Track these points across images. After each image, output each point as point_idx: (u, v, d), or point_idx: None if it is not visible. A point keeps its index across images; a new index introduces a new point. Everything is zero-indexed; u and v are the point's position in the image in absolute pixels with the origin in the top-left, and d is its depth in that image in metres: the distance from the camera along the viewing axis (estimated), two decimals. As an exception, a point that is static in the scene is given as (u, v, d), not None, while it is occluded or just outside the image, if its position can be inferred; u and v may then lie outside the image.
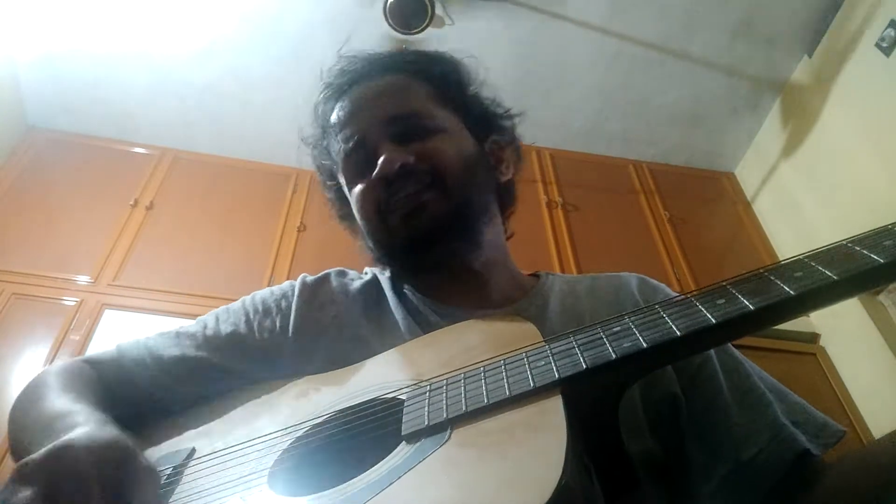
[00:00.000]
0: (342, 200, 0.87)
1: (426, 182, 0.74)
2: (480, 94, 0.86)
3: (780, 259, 2.40)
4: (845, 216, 2.57)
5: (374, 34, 2.68)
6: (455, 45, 0.93)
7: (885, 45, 2.46)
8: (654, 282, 0.80)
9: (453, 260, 0.76)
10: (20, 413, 0.69)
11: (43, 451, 0.48)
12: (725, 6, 2.79)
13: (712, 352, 0.68)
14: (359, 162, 0.77)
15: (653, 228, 2.97)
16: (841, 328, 2.53)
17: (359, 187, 0.77)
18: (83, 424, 0.56)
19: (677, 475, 0.64)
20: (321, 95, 0.86)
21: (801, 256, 0.47)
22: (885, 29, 2.46)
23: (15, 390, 2.13)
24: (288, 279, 0.84)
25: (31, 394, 0.70)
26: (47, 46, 2.80)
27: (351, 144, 0.78)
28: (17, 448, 0.67)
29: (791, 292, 0.44)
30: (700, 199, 3.23)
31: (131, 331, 2.46)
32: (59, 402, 0.65)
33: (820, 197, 2.76)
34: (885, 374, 2.30)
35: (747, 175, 3.29)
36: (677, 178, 3.27)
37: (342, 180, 0.83)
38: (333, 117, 0.82)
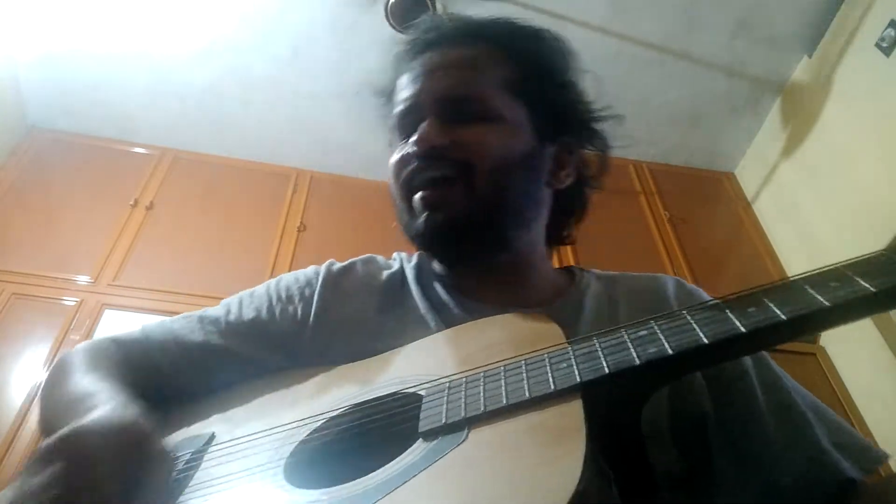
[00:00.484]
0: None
1: (453, 172, 0.69)
2: (568, 89, 0.80)
3: (780, 258, 2.39)
4: (845, 216, 2.57)
5: (375, 34, 2.68)
6: None
7: (885, 45, 2.46)
8: (691, 286, 0.76)
9: (473, 261, 0.74)
10: (48, 392, 0.70)
11: (58, 434, 0.49)
12: (725, 6, 2.79)
13: (751, 364, 0.65)
14: (405, 126, 0.75)
15: (653, 228, 2.97)
16: (841, 328, 2.52)
17: (396, 153, 0.75)
18: (104, 405, 0.56)
19: (702, 487, 0.60)
20: (403, 48, 0.81)
21: (838, 265, 0.45)
22: (885, 29, 2.46)
23: (15, 390, 2.14)
24: (288, 279, 0.83)
25: (59, 373, 0.70)
26: (47, 46, 2.80)
27: (403, 108, 0.75)
28: (47, 428, 0.66)
29: (826, 303, 0.43)
30: (700, 199, 3.23)
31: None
32: (84, 381, 0.65)
33: (820, 197, 2.76)
34: (885, 374, 2.30)
35: (747, 175, 3.29)
36: (677, 178, 3.27)
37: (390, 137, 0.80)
38: (400, 77, 0.79)
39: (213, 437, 0.64)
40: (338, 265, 0.80)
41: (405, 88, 0.76)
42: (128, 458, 0.50)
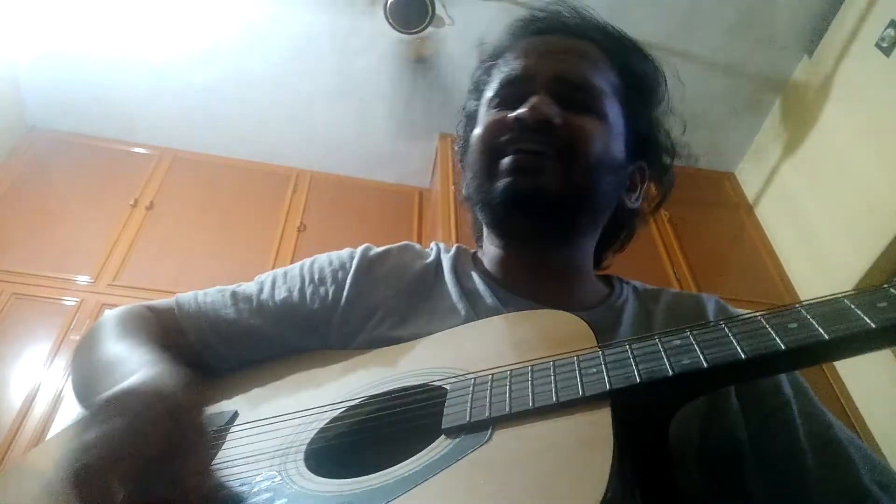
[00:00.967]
0: (467, 135, 0.81)
1: (556, 150, 0.68)
2: (657, 118, 0.81)
3: (780, 258, 2.39)
4: (845, 216, 2.57)
5: (375, 34, 2.69)
6: (455, 45, 0.92)
7: (885, 45, 2.46)
8: (733, 309, 0.73)
9: (537, 239, 0.72)
10: (84, 356, 0.69)
11: (114, 391, 0.49)
12: (725, 6, 2.79)
13: (791, 395, 0.62)
14: (509, 94, 0.73)
15: (653, 228, 2.97)
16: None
17: (492, 115, 0.73)
18: (143, 369, 0.55)
19: None
20: (520, 22, 0.80)
21: (886, 286, 0.42)
22: (885, 29, 2.46)
23: (15, 390, 2.14)
24: (288, 279, 0.83)
25: (95, 336, 0.70)
26: (47, 47, 2.80)
27: (513, 73, 0.74)
28: (85, 391, 0.65)
29: (872, 325, 0.40)
30: (700, 199, 3.22)
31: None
32: (119, 348, 0.64)
33: (820, 196, 2.76)
34: (885, 375, 2.30)
35: (747, 175, 3.29)
36: (677, 178, 3.26)
37: (483, 102, 0.78)
38: (515, 45, 0.78)
39: (235, 415, 0.64)
40: (374, 250, 0.79)
41: (518, 58, 0.75)
42: (180, 422, 0.49)
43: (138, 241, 2.67)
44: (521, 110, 0.69)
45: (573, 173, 0.68)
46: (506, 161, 0.69)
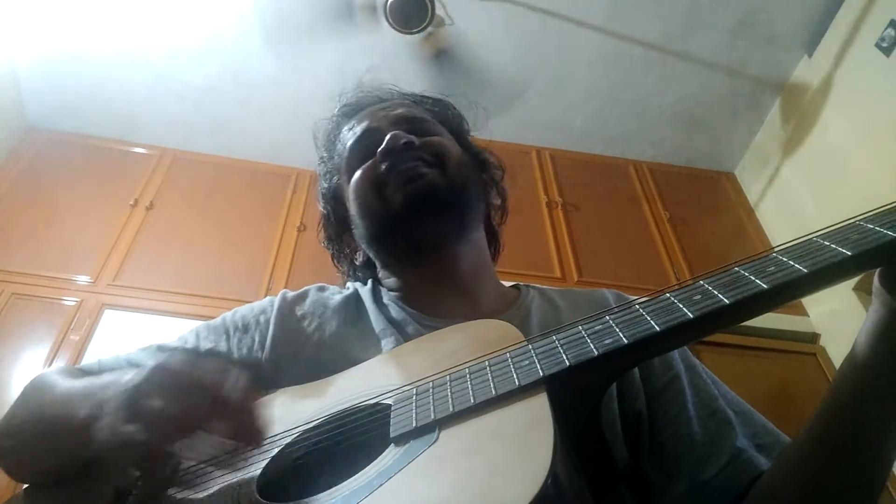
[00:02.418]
0: (337, 211, 0.88)
1: (426, 162, 0.78)
2: (473, 140, 0.92)
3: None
4: (845, 216, 2.56)
5: (375, 34, 2.69)
6: (455, 46, 0.96)
7: (885, 45, 2.46)
8: (631, 297, 0.80)
9: (443, 239, 0.78)
10: (25, 413, 0.68)
11: (143, 370, 0.53)
12: (725, 6, 2.79)
13: (682, 370, 0.69)
14: (364, 149, 0.81)
15: (653, 228, 2.97)
16: (841, 328, 2.53)
17: (360, 169, 0.80)
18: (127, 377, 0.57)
19: (637, 490, 0.64)
20: (335, 113, 0.93)
21: (770, 252, 0.49)
22: (885, 29, 2.46)
23: (15, 390, 2.13)
24: (288, 279, 0.84)
25: (40, 386, 0.70)
26: (47, 46, 2.80)
27: (359, 131, 0.84)
28: (30, 445, 0.65)
29: (764, 286, 0.46)
30: (700, 199, 3.23)
31: (131, 331, 2.47)
32: (78, 382, 0.65)
33: (820, 197, 2.76)
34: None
35: (747, 175, 3.29)
36: (677, 178, 3.27)
37: (344, 179, 0.85)
38: (346, 121, 0.88)
39: (178, 462, 0.63)
40: (291, 293, 0.82)
41: (356, 122, 0.86)
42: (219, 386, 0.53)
43: (138, 241, 2.66)
44: (383, 145, 0.78)
45: (447, 172, 0.78)
46: (392, 184, 0.76)
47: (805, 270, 0.45)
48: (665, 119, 3.18)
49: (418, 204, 0.75)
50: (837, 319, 2.54)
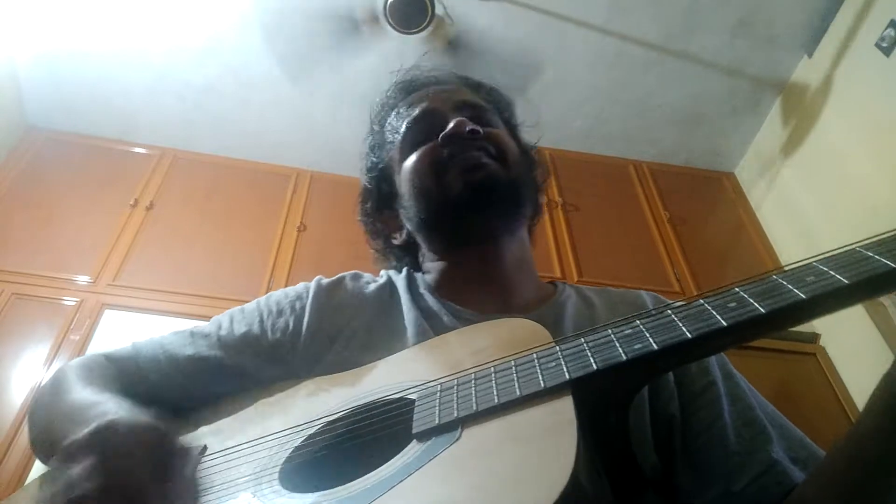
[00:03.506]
0: (382, 187, 0.87)
1: (489, 153, 0.77)
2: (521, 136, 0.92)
3: (780, 258, 2.40)
4: (845, 216, 2.57)
5: (374, 34, 2.68)
6: (464, 32, 0.97)
7: (885, 45, 2.46)
8: (669, 301, 0.78)
9: (495, 229, 0.78)
10: (46, 405, 0.70)
11: (87, 430, 0.50)
12: (725, 6, 2.79)
13: (719, 376, 0.67)
14: (423, 130, 0.81)
15: (653, 228, 2.97)
16: (841, 328, 2.53)
17: (418, 151, 0.80)
18: (116, 410, 0.57)
19: (668, 496, 0.63)
20: (389, 91, 0.91)
21: (811, 260, 0.47)
22: (885, 29, 2.46)
23: (15, 390, 2.14)
24: (288, 279, 0.84)
25: (56, 386, 0.70)
26: (47, 46, 2.80)
27: (418, 112, 0.83)
28: (44, 440, 0.66)
29: (802, 296, 0.44)
30: (700, 199, 3.23)
31: (131, 331, 2.47)
32: (86, 392, 0.65)
33: (820, 197, 2.76)
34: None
35: (747, 175, 3.29)
36: (677, 178, 3.27)
37: (395, 156, 0.84)
38: (403, 98, 0.87)
39: (204, 448, 0.64)
40: (326, 280, 0.82)
41: (415, 102, 0.85)
42: (157, 451, 0.51)
43: (138, 241, 2.66)
44: (449, 127, 0.77)
45: (507, 167, 0.78)
46: (454, 170, 0.76)
47: (846, 281, 0.43)
48: (665, 119, 3.18)
49: (479, 194, 0.75)
50: (837, 320, 2.54)
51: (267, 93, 2.97)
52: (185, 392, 0.73)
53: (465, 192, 0.74)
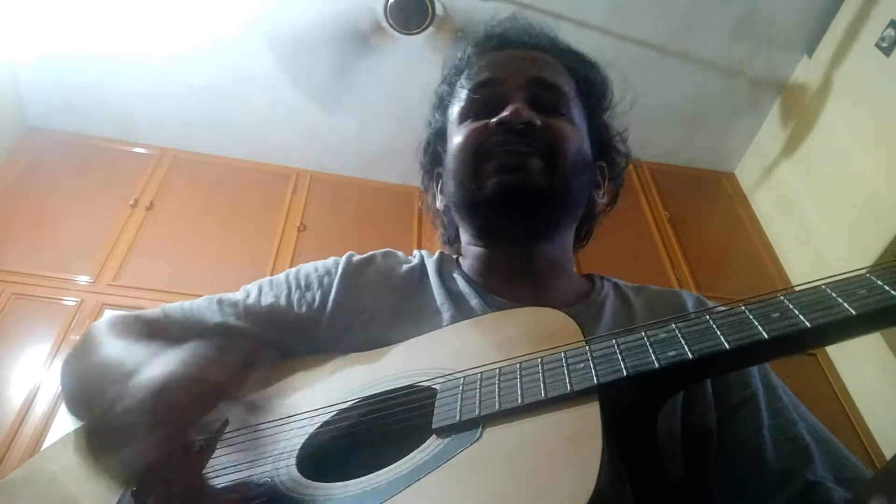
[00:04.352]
0: (437, 145, 0.84)
1: (539, 151, 0.72)
2: (611, 121, 0.86)
3: (780, 258, 2.39)
4: (845, 216, 2.57)
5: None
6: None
7: (885, 45, 2.46)
8: (713, 305, 0.74)
9: (527, 233, 0.74)
10: (80, 361, 0.68)
11: (139, 396, 0.48)
12: (725, 6, 2.79)
13: (761, 389, 0.64)
14: (482, 101, 0.76)
15: (653, 228, 2.97)
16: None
17: (470, 124, 0.76)
18: (162, 364, 0.54)
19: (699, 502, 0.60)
20: (476, 40, 0.85)
21: (862, 271, 0.43)
22: (885, 29, 2.46)
23: (15, 390, 2.14)
24: (287, 279, 0.83)
25: (90, 343, 0.69)
26: (47, 46, 2.79)
27: (484, 78, 0.78)
28: (80, 398, 0.64)
29: (852, 311, 0.40)
30: (700, 199, 3.23)
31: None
32: (119, 345, 0.64)
33: (819, 196, 2.76)
34: (886, 375, 2.30)
35: (747, 175, 3.29)
36: (677, 178, 3.27)
37: (451, 117, 0.81)
38: (477, 59, 0.81)
39: (226, 422, 0.63)
40: (357, 257, 0.80)
41: (487, 67, 0.79)
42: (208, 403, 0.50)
43: (138, 241, 2.66)
44: (504, 114, 0.72)
45: (556, 172, 0.72)
46: (494, 162, 0.72)
47: None
48: (665, 119, 3.17)
49: (510, 199, 0.71)
50: (837, 319, 2.53)
51: (267, 93, 2.97)
52: None
53: (495, 193, 0.70)
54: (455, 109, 0.80)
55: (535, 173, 0.71)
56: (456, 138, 0.77)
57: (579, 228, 0.84)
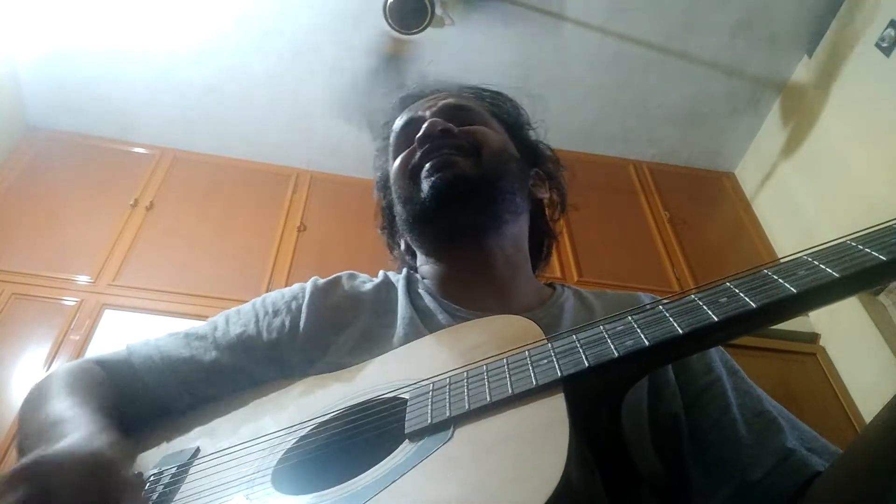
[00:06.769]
0: (387, 195, 0.90)
1: (462, 149, 0.78)
2: (532, 133, 0.92)
3: (780, 258, 2.39)
4: (845, 216, 2.57)
5: (374, 33, 2.68)
6: (455, 46, 0.97)
7: (885, 45, 2.46)
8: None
9: (470, 229, 0.78)
10: (26, 415, 0.70)
11: (22, 461, 0.50)
12: (725, 6, 2.79)
13: (723, 373, 0.67)
14: (407, 136, 0.83)
15: (653, 228, 2.97)
16: (841, 328, 2.53)
17: (399, 157, 0.82)
18: (74, 432, 0.56)
19: (678, 494, 0.62)
20: (397, 101, 0.94)
21: (802, 254, 0.47)
22: (885, 29, 2.46)
23: (15, 390, 2.14)
24: (288, 279, 0.85)
25: (38, 395, 0.71)
26: (47, 46, 2.80)
27: (404, 120, 0.86)
28: (22, 450, 0.67)
29: (793, 290, 0.44)
30: (700, 199, 3.23)
31: (131, 331, 2.47)
32: (60, 406, 0.65)
33: (820, 197, 2.76)
34: (885, 374, 2.30)
35: (747, 175, 3.29)
36: (677, 178, 3.27)
37: (389, 165, 0.87)
38: (401, 111, 0.90)
39: (197, 450, 0.64)
40: (322, 280, 0.82)
41: (406, 113, 0.87)
42: (89, 486, 0.50)
43: (138, 241, 2.66)
44: (420, 132, 0.79)
45: (482, 161, 0.78)
46: (424, 170, 0.77)
47: (837, 275, 0.43)
48: (665, 119, 3.18)
49: (444, 194, 0.75)
50: (837, 319, 2.54)
51: (267, 93, 2.97)
52: (180, 394, 0.73)
53: (430, 193, 0.75)
54: (390, 154, 0.87)
55: (463, 166, 0.77)
56: (391, 171, 0.84)
57: (536, 234, 0.88)
